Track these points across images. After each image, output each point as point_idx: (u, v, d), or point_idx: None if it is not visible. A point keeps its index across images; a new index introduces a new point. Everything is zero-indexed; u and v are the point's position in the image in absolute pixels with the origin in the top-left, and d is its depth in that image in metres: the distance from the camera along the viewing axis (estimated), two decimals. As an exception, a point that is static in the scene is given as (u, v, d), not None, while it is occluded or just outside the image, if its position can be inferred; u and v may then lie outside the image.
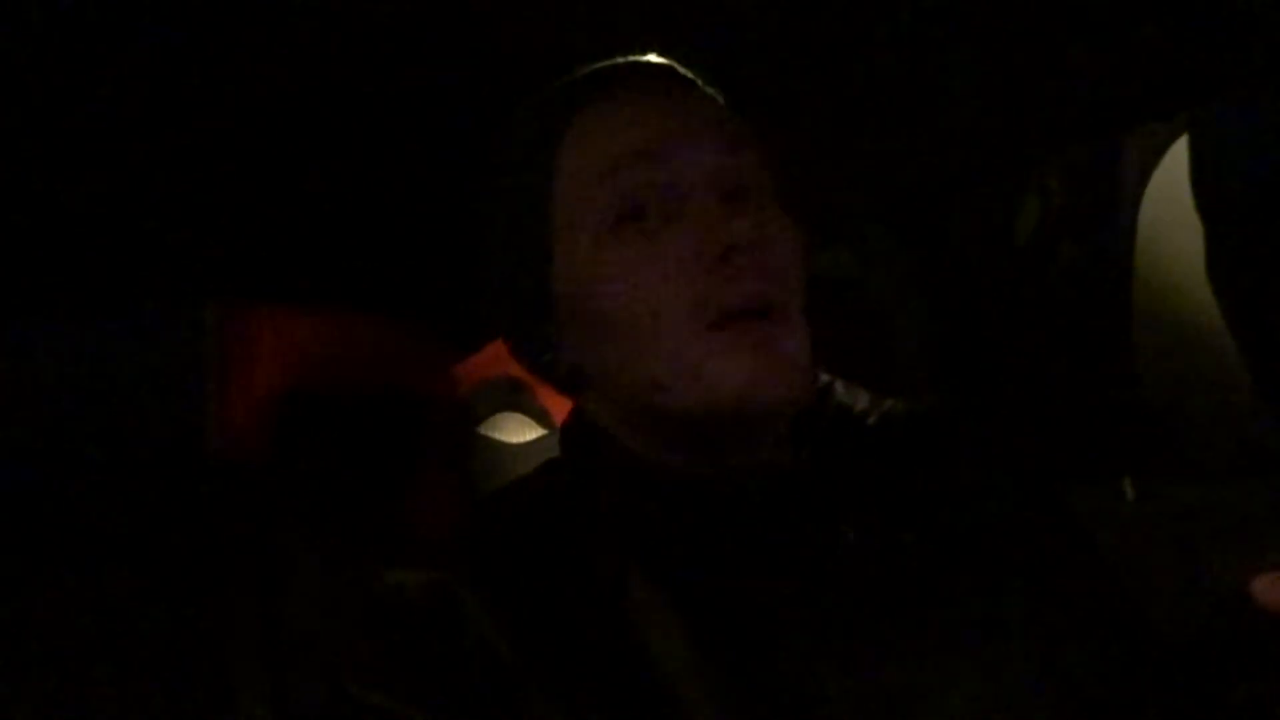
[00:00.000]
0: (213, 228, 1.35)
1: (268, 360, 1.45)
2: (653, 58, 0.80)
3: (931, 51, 1.15)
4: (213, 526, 1.33)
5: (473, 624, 0.65)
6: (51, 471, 1.32)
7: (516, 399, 1.30)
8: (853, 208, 1.40)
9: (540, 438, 1.28)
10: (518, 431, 1.28)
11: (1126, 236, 1.33)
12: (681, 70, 0.80)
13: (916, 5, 1.10)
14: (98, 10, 0.99)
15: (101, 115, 1.16)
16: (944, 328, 1.39)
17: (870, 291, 1.41)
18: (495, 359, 1.35)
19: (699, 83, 0.79)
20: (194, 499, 1.34)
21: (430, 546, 0.74)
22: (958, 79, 1.18)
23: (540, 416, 1.30)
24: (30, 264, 1.32)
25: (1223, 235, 1.27)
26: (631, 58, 0.79)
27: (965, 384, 1.38)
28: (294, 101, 1.19)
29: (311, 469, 1.40)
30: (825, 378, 0.81)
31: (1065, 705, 0.67)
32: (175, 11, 1.01)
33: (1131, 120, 1.27)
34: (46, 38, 1.02)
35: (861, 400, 0.81)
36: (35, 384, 1.37)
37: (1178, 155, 1.31)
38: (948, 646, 0.67)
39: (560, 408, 1.32)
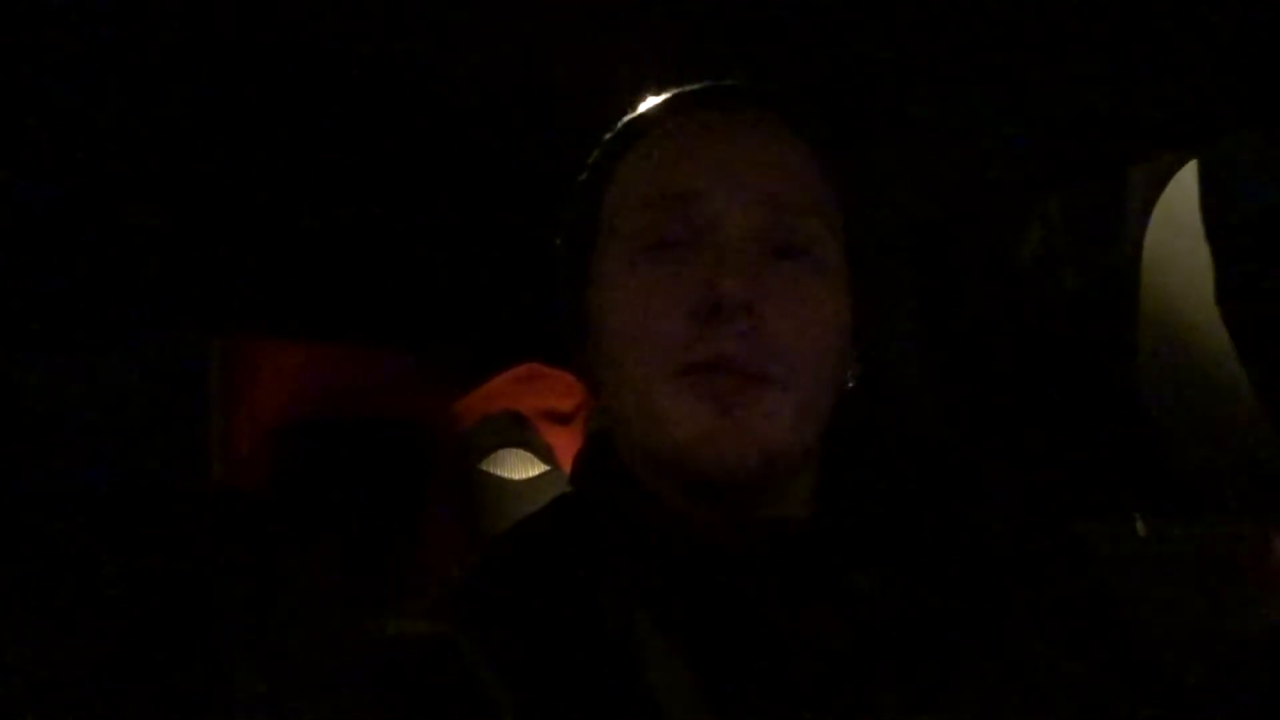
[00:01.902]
0: (220, 261, 1.35)
1: (272, 391, 1.45)
2: (729, 82, 0.78)
3: (935, 79, 1.14)
4: (217, 554, 1.33)
5: (473, 680, 0.63)
6: (59, 499, 1.32)
7: (518, 435, 1.30)
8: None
9: (542, 474, 1.28)
10: (520, 468, 1.28)
11: (1131, 264, 1.32)
12: (757, 95, 0.77)
13: (921, 34, 1.10)
14: (113, 48, 1.00)
15: (108, 150, 1.16)
16: (946, 358, 1.38)
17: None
18: (498, 394, 1.34)
19: (776, 107, 0.76)
20: (199, 527, 1.34)
21: (434, 592, 0.72)
22: (962, 107, 1.18)
23: (542, 452, 1.29)
24: (40, 296, 1.32)
25: (1233, 262, 1.26)
26: (707, 84, 0.77)
27: (969, 416, 1.37)
28: (300, 139, 1.19)
29: (314, 499, 1.40)
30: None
31: None
32: (189, 50, 1.02)
33: (1137, 153, 1.27)
34: (62, 72, 1.02)
35: (878, 446, 0.79)
36: (43, 413, 1.37)
37: (1183, 182, 1.30)
38: (961, 698, 0.66)
39: (563, 443, 1.32)
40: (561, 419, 1.33)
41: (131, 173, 1.21)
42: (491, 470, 1.28)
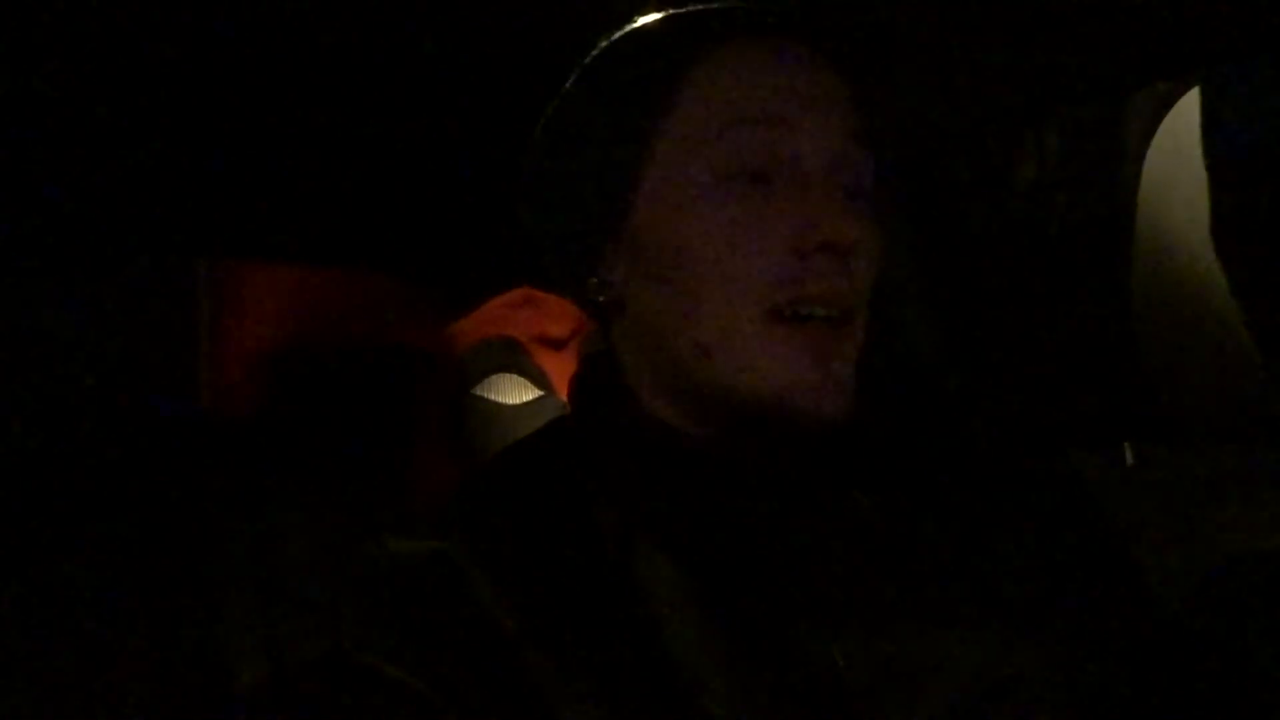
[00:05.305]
0: (204, 183, 1.33)
1: (260, 315, 1.44)
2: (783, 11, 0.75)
3: (932, 4, 1.13)
4: (206, 481, 1.33)
5: (474, 596, 0.64)
6: (45, 427, 1.31)
7: (512, 360, 1.29)
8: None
9: (536, 399, 1.27)
10: (513, 392, 1.27)
11: (1129, 195, 1.31)
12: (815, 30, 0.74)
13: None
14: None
15: (93, 72, 1.14)
16: (940, 286, 1.38)
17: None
18: (491, 319, 1.33)
19: (826, 44, 0.74)
20: (188, 453, 1.34)
21: (431, 510, 0.72)
22: (955, 28, 1.16)
23: (536, 377, 1.29)
24: (22, 221, 1.30)
25: (1229, 195, 1.26)
26: (761, 4, 0.74)
27: (962, 345, 1.37)
28: (285, 56, 1.17)
29: (305, 424, 1.40)
30: None
31: (1073, 674, 0.67)
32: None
33: (1137, 79, 1.25)
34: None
35: (875, 373, 0.79)
36: (28, 341, 1.36)
37: (1184, 111, 1.29)
38: (958, 615, 0.67)
39: (556, 368, 1.32)
40: (555, 344, 1.33)
41: (115, 94, 1.19)
42: (484, 395, 1.27)
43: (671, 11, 0.75)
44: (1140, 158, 1.31)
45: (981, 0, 1.10)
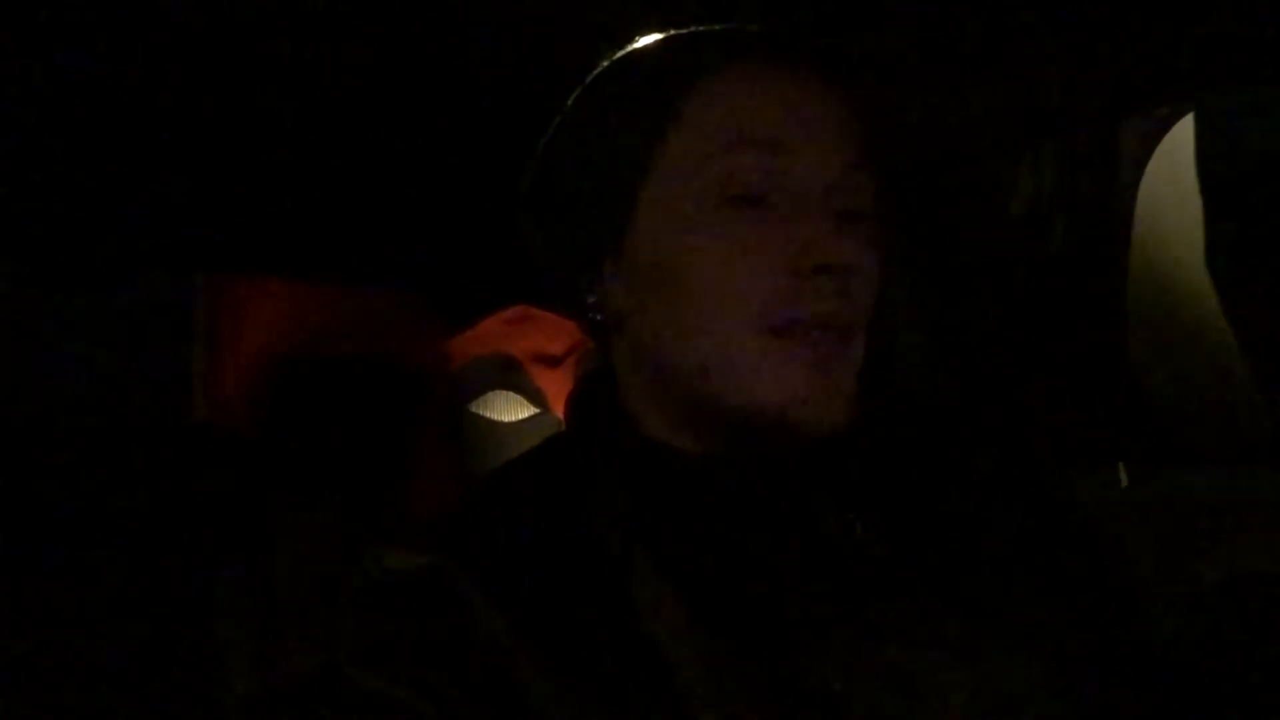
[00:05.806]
0: (203, 197, 1.33)
1: (257, 329, 1.44)
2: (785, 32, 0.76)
3: (924, 23, 1.13)
4: (201, 494, 1.32)
5: (471, 610, 0.64)
6: (43, 439, 1.31)
7: (509, 377, 1.30)
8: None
9: (532, 416, 1.28)
10: (510, 410, 1.28)
11: (1124, 217, 1.32)
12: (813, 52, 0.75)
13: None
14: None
15: (93, 84, 1.14)
16: (935, 306, 1.38)
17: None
18: (488, 336, 1.34)
19: (828, 70, 0.74)
20: (182, 467, 1.33)
21: (428, 526, 0.72)
22: (951, 52, 1.17)
23: (532, 395, 1.29)
24: (21, 234, 1.30)
25: (1223, 218, 1.26)
26: (764, 28, 0.75)
27: (957, 365, 1.38)
28: (284, 70, 1.17)
29: (302, 439, 1.40)
30: None
31: (1069, 695, 0.67)
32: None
33: (1132, 102, 1.26)
34: (43, 13, 1.00)
35: (870, 393, 0.80)
36: (26, 352, 1.36)
37: (1179, 136, 1.30)
38: (954, 637, 0.67)
39: (553, 386, 1.32)
40: (552, 362, 1.33)
41: (115, 106, 1.20)
42: (481, 412, 1.28)
43: (673, 32, 0.75)
44: (1136, 180, 1.32)
45: (978, 23, 1.11)
